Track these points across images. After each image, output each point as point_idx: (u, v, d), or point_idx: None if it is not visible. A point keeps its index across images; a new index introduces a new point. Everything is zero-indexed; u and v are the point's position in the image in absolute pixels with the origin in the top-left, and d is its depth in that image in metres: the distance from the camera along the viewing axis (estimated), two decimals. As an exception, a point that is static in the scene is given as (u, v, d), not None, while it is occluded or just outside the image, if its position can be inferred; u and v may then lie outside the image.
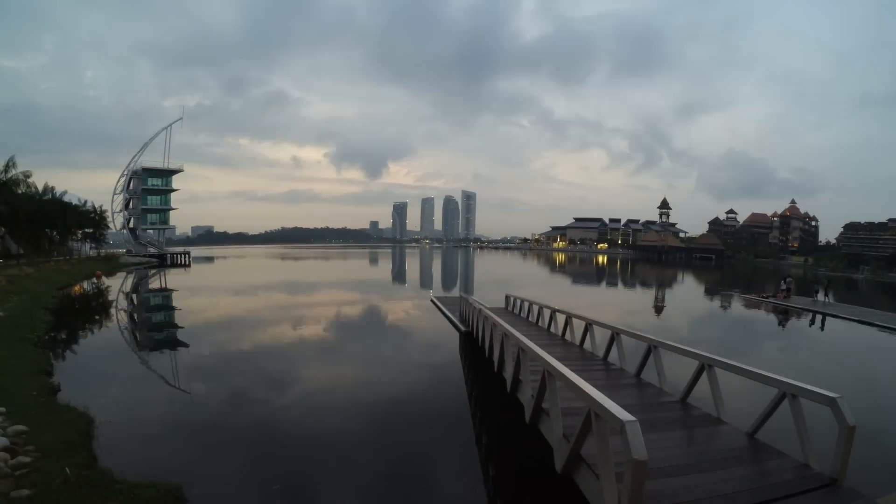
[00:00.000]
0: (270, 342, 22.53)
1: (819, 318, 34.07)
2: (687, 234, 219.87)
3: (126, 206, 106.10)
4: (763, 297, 45.02)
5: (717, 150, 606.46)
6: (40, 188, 75.71)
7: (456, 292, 40.39)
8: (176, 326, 27.33)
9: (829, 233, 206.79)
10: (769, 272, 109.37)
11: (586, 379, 7.24)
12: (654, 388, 11.00)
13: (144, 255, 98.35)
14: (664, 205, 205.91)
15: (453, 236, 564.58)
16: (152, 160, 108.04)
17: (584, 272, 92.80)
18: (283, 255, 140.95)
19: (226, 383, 15.88)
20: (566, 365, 8.14)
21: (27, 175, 68.86)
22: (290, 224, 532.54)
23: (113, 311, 32.72)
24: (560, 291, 51.39)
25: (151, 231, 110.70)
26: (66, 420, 11.13)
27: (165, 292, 45.73)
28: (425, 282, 63.37)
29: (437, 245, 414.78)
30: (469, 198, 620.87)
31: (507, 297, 26.80)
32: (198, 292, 45.21)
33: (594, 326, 15.06)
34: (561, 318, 17.94)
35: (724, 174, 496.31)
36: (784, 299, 42.05)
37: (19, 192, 67.27)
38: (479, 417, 13.25)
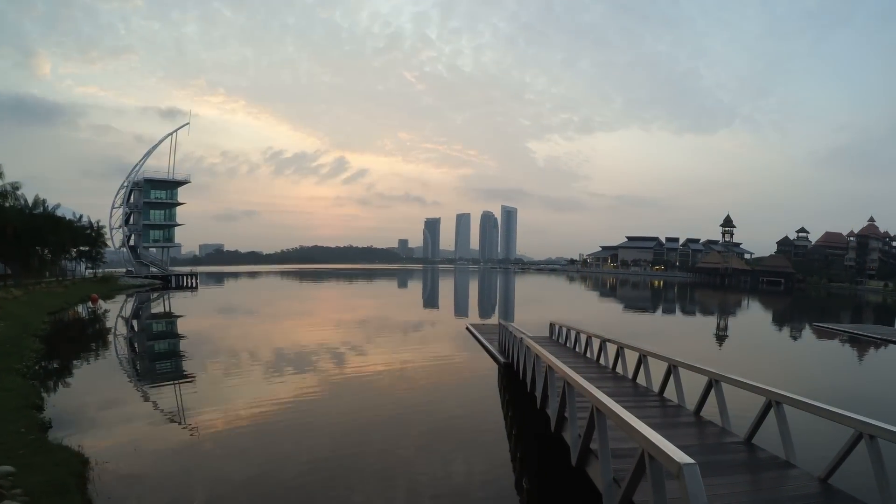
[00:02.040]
0: (286, 371, 22.75)
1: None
2: (753, 256, 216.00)
3: (126, 221, 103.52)
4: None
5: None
6: (30, 201, 74.13)
7: (494, 319, 40.35)
8: (181, 356, 27.64)
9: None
10: (845, 298, 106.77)
11: (640, 417, 7.23)
12: (715, 427, 10.87)
13: (146, 277, 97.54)
14: (727, 222, 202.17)
15: (491, 256, 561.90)
16: (156, 169, 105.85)
17: (637, 297, 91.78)
18: (301, 276, 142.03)
19: (235, 420, 15.66)
20: (617, 401, 8.14)
21: (16, 186, 67.66)
22: (308, 242, 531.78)
23: (111, 339, 32.88)
24: (610, 319, 50.91)
25: (154, 249, 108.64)
26: (58, 460, 10.88)
27: (169, 318, 46.25)
28: (460, 307, 63.39)
29: (473, 266, 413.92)
30: (509, 214, 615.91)
31: (552, 325, 26.69)
32: (205, 318, 45.77)
33: (649, 358, 14.94)
34: (612, 349, 17.83)
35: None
36: None
37: (6, 205, 65.68)
38: (520, 459, 13.20)
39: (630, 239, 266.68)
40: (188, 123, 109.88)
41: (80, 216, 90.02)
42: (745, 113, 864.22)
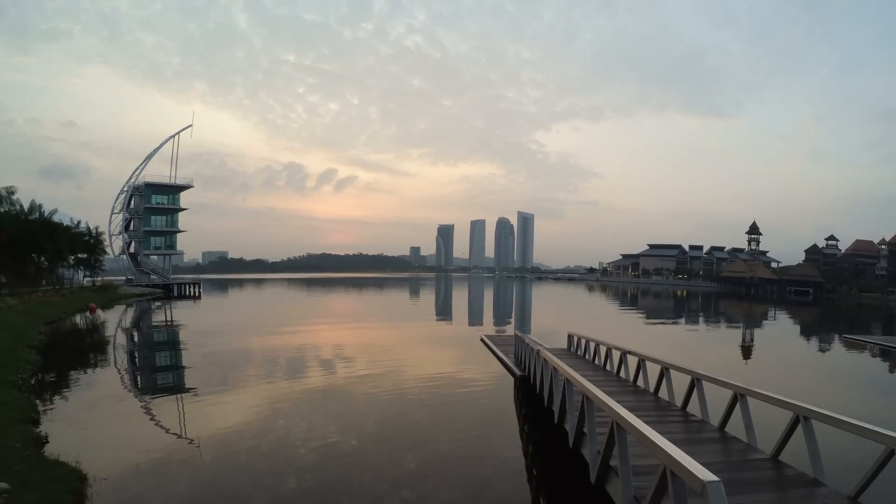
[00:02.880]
0: (294, 385, 22.86)
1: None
2: (780, 264, 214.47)
3: (126, 227, 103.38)
4: None
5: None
6: (26, 206, 74.13)
7: (510, 330, 40.32)
8: (183, 369, 27.70)
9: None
10: (876, 309, 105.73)
11: (662, 432, 7.23)
12: (740, 444, 10.81)
13: (147, 285, 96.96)
14: (753, 229, 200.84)
15: (507, 265, 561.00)
16: (157, 173, 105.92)
17: (659, 307, 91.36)
18: (309, 284, 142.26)
19: (240, 436, 15.56)
20: (638, 416, 8.12)
21: (11, 191, 68.38)
22: (316, 250, 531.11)
23: (110, 350, 33.10)
24: (630, 330, 50.73)
25: (155, 257, 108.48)
26: (55, 477, 10.87)
27: (171, 328, 46.56)
28: (474, 317, 63.39)
29: (487, 275, 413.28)
30: (526, 220, 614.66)
31: (570, 337, 26.62)
32: (208, 328, 45.97)
33: (671, 371, 14.88)
34: (633, 361, 17.76)
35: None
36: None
37: (1, 210, 66.52)
38: (537, 476, 13.20)
39: (652, 247, 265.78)
40: (191, 126, 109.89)
41: (78, 222, 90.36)
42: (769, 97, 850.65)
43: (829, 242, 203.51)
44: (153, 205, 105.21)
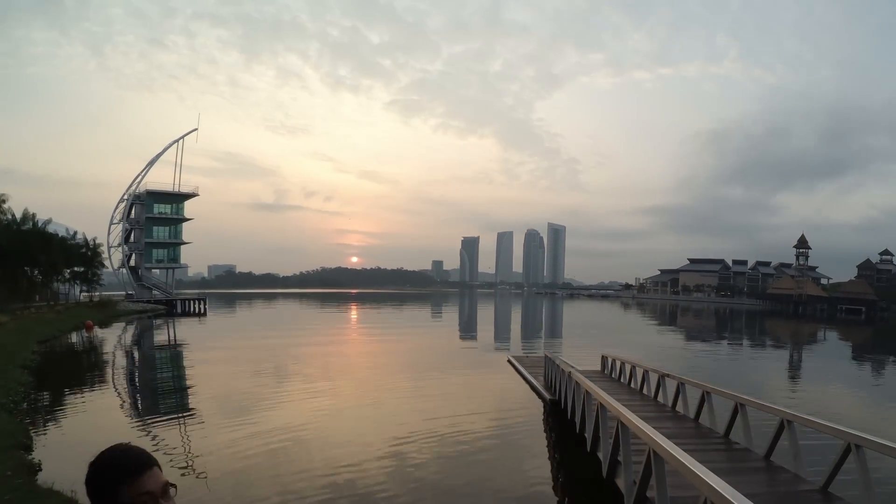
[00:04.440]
0: (305, 408, 22.88)
1: None
2: (830, 281, 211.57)
3: (126, 238, 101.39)
4: None
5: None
6: (18, 215, 72.77)
7: (540, 351, 40.18)
8: (186, 392, 27.77)
9: None
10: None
11: (702, 461, 7.20)
12: (787, 474, 10.70)
13: (148, 301, 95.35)
14: (802, 243, 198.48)
15: (537, 280, 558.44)
16: (160, 180, 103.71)
17: (699, 327, 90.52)
18: (323, 300, 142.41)
19: (246, 464, 15.50)
20: (677, 443, 8.10)
21: (2, 199, 67.16)
22: (331, 263, 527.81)
23: (108, 371, 33.20)
24: (669, 351, 50.28)
25: (157, 271, 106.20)
26: None
27: (174, 348, 46.82)
28: (501, 336, 63.24)
29: (516, 291, 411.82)
30: (557, 232, 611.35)
31: (604, 358, 26.52)
32: (214, 347, 46.11)
33: (713, 395, 14.77)
34: (671, 385, 17.65)
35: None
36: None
37: None
38: (569, 507, 13.16)
39: (692, 261, 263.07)
40: (196, 129, 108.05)
41: (75, 233, 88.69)
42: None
43: (884, 257, 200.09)
44: (155, 214, 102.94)
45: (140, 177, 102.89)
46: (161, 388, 29.67)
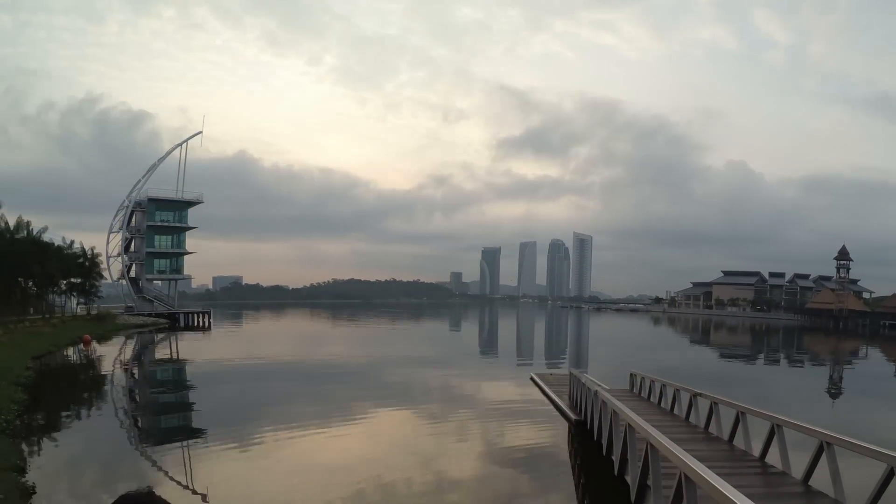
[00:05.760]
0: (315, 429, 22.96)
1: None
2: (873, 295, 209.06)
3: (126, 248, 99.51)
4: None
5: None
6: (11, 223, 72.52)
7: (564, 368, 40.07)
8: (189, 411, 27.89)
9: None
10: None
11: (737, 485, 7.18)
12: (826, 499, 10.59)
13: (149, 314, 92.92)
14: (843, 254, 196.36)
15: (561, 293, 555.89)
16: (162, 186, 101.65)
17: (734, 343, 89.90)
18: (334, 310, 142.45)
19: (253, 489, 15.46)
20: (710, 466, 8.06)
21: None
22: (343, 275, 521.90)
23: (106, 388, 33.44)
24: (701, 368, 50.00)
25: (159, 282, 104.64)
26: None
27: (176, 364, 46.98)
28: (524, 352, 63.13)
29: (535, 301, 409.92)
30: (583, 242, 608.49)
31: (633, 376, 26.35)
32: (218, 363, 46.25)
33: (748, 416, 14.67)
34: (703, 405, 17.55)
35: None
36: None
37: None
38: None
39: (726, 273, 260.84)
40: (201, 132, 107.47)
41: (72, 242, 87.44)
42: None
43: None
44: (157, 222, 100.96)
45: (141, 182, 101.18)
46: (163, 408, 29.62)
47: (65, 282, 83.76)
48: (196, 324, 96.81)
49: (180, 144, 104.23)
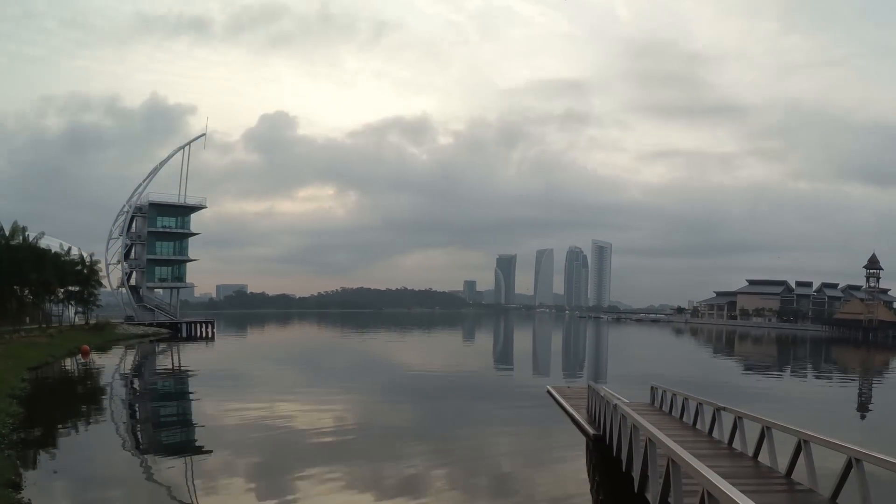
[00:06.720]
0: (322, 444, 23.05)
1: None
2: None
3: (126, 255, 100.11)
4: None
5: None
6: (7, 228, 72.13)
7: (582, 381, 39.96)
8: (192, 424, 27.93)
9: None
10: None
11: (762, 503, 7.15)
12: (856, 518, 10.56)
13: (150, 324, 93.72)
14: (873, 263, 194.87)
15: (579, 303, 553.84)
16: (164, 191, 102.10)
17: (759, 355, 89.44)
18: (343, 321, 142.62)
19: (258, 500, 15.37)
20: (734, 483, 8.02)
21: None
22: (352, 284, 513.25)
23: (105, 402, 33.48)
24: (725, 382, 49.72)
25: (161, 290, 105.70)
26: None
27: (179, 375, 47.01)
28: (540, 364, 62.99)
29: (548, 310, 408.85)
30: (602, 250, 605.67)
31: (654, 389, 26.26)
32: (222, 374, 46.27)
33: (773, 431, 14.59)
34: (727, 419, 17.46)
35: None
36: None
37: None
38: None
39: (751, 283, 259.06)
40: (204, 135, 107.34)
41: (69, 248, 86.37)
42: None
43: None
44: (159, 228, 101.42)
45: (142, 186, 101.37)
46: (163, 422, 29.58)
47: (62, 290, 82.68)
48: (199, 334, 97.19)
49: (183, 147, 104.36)
